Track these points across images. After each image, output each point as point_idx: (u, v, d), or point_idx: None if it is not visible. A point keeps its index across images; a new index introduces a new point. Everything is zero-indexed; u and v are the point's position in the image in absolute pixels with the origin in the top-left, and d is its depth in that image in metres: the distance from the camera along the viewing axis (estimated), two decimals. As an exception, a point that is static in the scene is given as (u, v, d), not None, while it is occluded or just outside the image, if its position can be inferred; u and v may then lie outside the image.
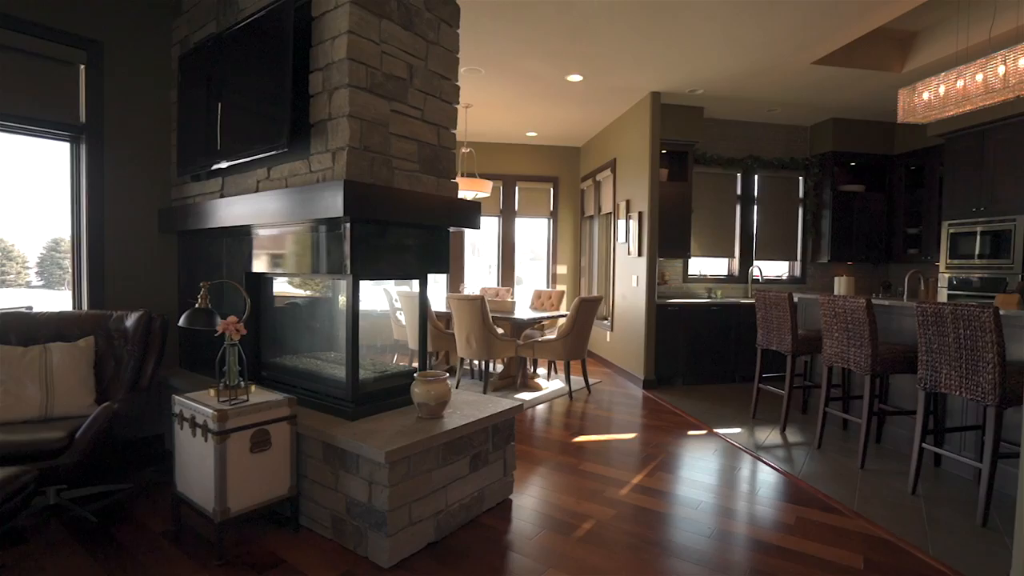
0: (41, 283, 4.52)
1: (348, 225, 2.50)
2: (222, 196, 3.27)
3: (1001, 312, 2.73)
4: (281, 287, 3.39)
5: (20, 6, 3.05)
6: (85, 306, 3.41)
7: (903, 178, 6.40)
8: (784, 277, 6.91)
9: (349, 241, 2.51)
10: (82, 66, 3.35)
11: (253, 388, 2.59)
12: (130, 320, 3.12)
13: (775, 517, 2.83)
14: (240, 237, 3.24)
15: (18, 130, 3.19)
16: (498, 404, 2.90)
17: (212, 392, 2.51)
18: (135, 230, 3.59)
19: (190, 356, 3.77)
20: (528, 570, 2.28)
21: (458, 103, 3.08)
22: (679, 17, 3.95)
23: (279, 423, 2.48)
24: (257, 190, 3.02)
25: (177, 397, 2.53)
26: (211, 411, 2.30)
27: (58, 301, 3.60)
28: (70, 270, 3.48)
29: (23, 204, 3.43)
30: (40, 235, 3.76)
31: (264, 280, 3.26)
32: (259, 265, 3.14)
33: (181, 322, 2.56)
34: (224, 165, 3.08)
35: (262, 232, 3.07)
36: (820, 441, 3.85)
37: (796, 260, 6.83)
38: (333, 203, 2.38)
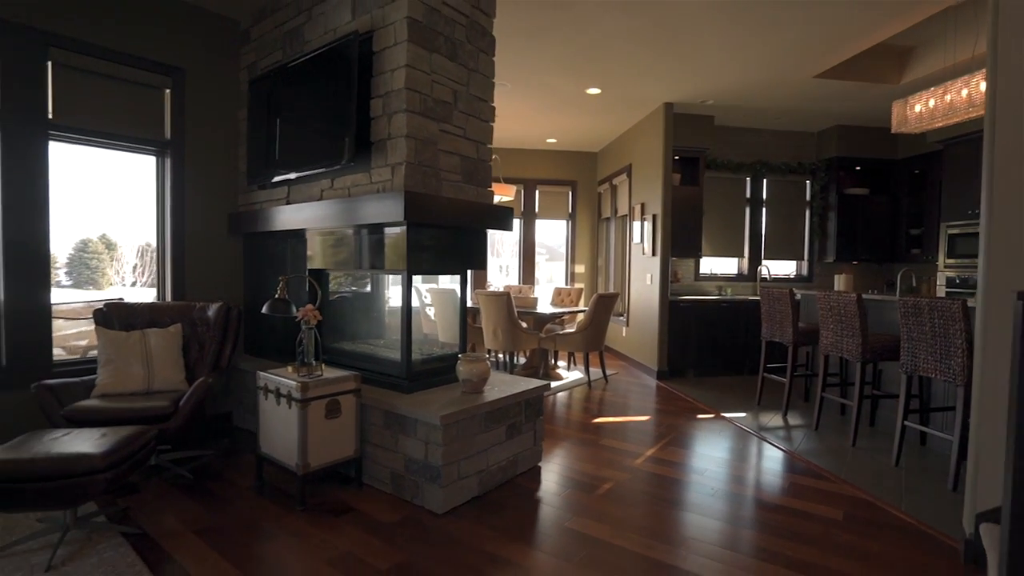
0: (70, 283, 4.96)
1: (405, 228, 2.97)
2: (288, 203, 3.76)
3: (970, 304, 3.11)
4: (338, 282, 3.87)
5: (120, 41, 3.57)
6: (168, 298, 3.92)
7: (906, 182, 6.72)
8: (792, 276, 7.26)
9: (406, 242, 2.97)
10: (167, 90, 3.86)
11: (323, 366, 3.07)
12: (211, 310, 3.62)
13: (770, 482, 3.25)
14: (303, 238, 3.72)
15: (116, 146, 3.71)
16: (529, 383, 3.35)
17: (290, 369, 2.99)
18: (209, 232, 4.10)
19: (252, 343, 4.27)
20: (557, 517, 2.73)
21: (493, 121, 3.54)
22: (690, 36, 4.36)
23: (347, 395, 2.95)
24: (321, 198, 3.51)
25: (262, 373, 3.02)
26: (295, 383, 2.78)
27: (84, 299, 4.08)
28: (155, 266, 4.00)
29: (52, 207, 3.70)
30: (69, 237, 4.16)
31: (323, 275, 3.74)
32: (320, 262, 3.62)
33: (264, 309, 3.05)
34: (292, 176, 3.58)
35: (324, 234, 3.55)
36: (818, 423, 4.24)
37: (803, 260, 7.18)
38: (394, 209, 2.85)
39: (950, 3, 3.95)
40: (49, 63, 3.31)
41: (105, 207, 4.02)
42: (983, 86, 3.81)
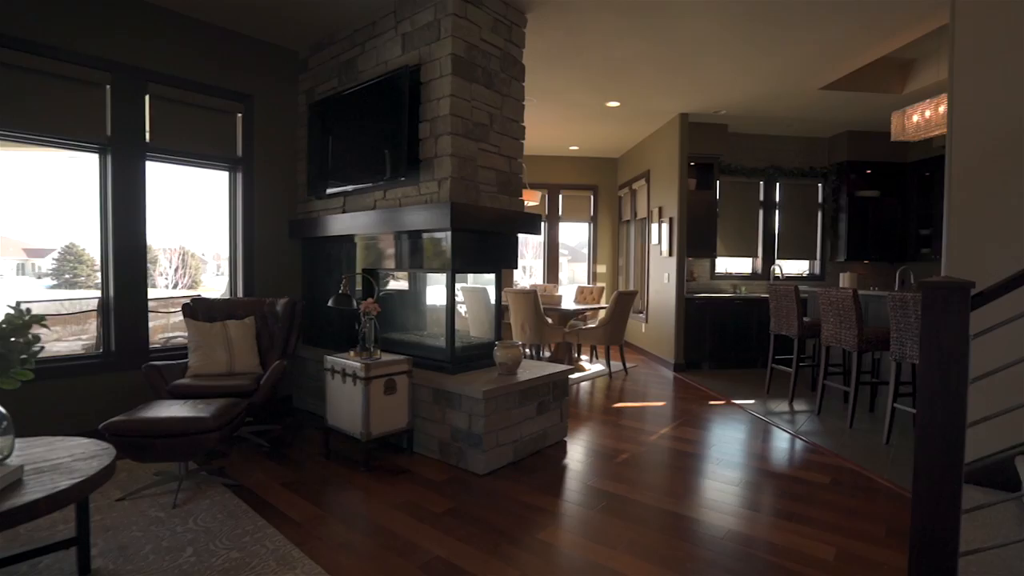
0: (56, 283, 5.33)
1: (450, 234, 3.47)
2: (344, 211, 4.31)
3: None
4: (385, 280, 4.40)
5: (202, 74, 4.16)
6: (240, 294, 4.50)
7: (916, 184, 7.01)
8: (805, 274, 7.59)
9: (451, 245, 3.48)
10: (239, 114, 4.44)
11: (379, 352, 3.59)
12: (279, 305, 4.18)
13: (769, 454, 3.67)
14: (356, 242, 4.26)
15: (197, 164, 4.31)
16: (556, 367, 3.83)
17: (352, 353, 3.51)
18: (273, 237, 4.67)
19: (308, 334, 4.82)
20: (582, 478, 3.20)
21: (524, 139, 4.02)
22: (702, 56, 4.78)
23: (401, 375, 3.47)
24: (374, 207, 4.04)
25: (329, 357, 3.56)
26: (359, 365, 3.30)
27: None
28: (227, 266, 4.59)
29: (92, 214, 3.88)
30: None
31: (375, 274, 4.27)
32: (372, 263, 4.15)
33: (330, 303, 3.59)
34: (349, 188, 4.12)
35: (376, 238, 4.08)
36: (820, 408, 4.62)
37: (816, 259, 7.51)
38: (442, 218, 3.36)
39: (944, 22, 4.30)
40: (147, 96, 3.90)
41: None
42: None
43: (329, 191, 4.35)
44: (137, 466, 3.25)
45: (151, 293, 4.12)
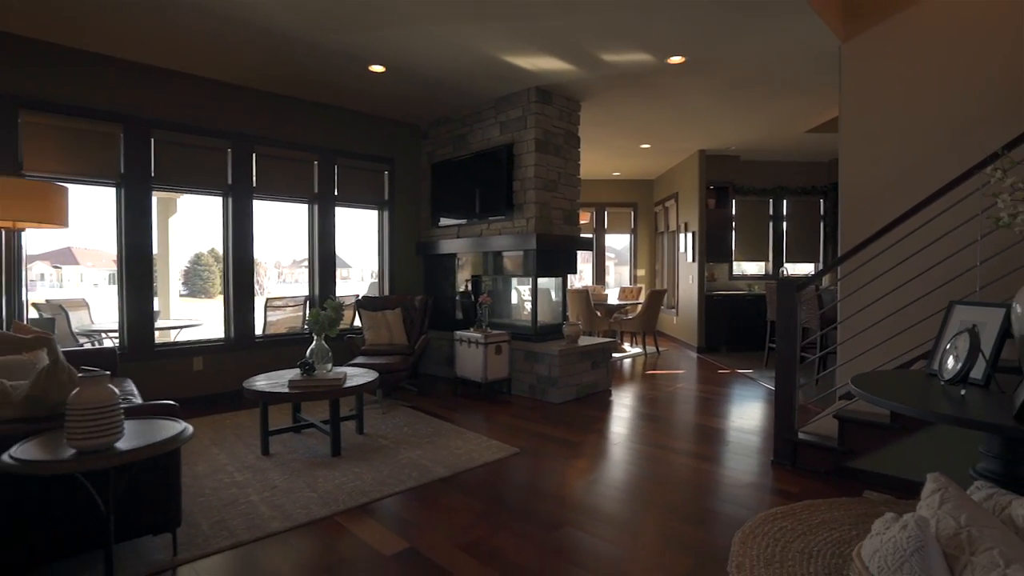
0: (186, 291, 7.55)
1: (535, 251, 5.42)
2: (458, 237, 6.35)
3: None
4: (485, 283, 6.40)
5: (365, 148, 6.29)
6: (386, 294, 6.61)
7: (902, 199, 8.48)
8: (810, 275, 9.15)
9: (536, 259, 5.43)
10: (386, 172, 6.57)
11: (488, 329, 5.57)
12: (416, 300, 6.23)
13: (754, 397, 5.44)
14: (463, 257, 6.28)
15: (361, 207, 6.45)
16: (603, 340, 5.73)
17: (472, 329, 5.52)
18: (405, 254, 6.77)
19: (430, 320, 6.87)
20: (623, 405, 5.10)
21: (580, 186, 5.94)
22: (707, 117, 6.58)
23: (504, 343, 5.45)
24: (481, 235, 6.06)
25: (457, 332, 5.58)
26: (480, 336, 5.30)
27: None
28: (376, 275, 6.71)
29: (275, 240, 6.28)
30: (186, 252, 6.56)
31: (479, 279, 6.27)
32: (474, 272, 6.16)
33: (458, 298, 5.61)
34: (463, 222, 6.15)
35: (482, 254, 6.08)
36: (798, 373, 6.32)
37: (819, 262, 9.07)
38: (528, 242, 5.32)
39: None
40: (336, 166, 6.06)
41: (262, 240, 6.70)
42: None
43: (443, 223, 6.41)
44: (347, 397, 5.34)
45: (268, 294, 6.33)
